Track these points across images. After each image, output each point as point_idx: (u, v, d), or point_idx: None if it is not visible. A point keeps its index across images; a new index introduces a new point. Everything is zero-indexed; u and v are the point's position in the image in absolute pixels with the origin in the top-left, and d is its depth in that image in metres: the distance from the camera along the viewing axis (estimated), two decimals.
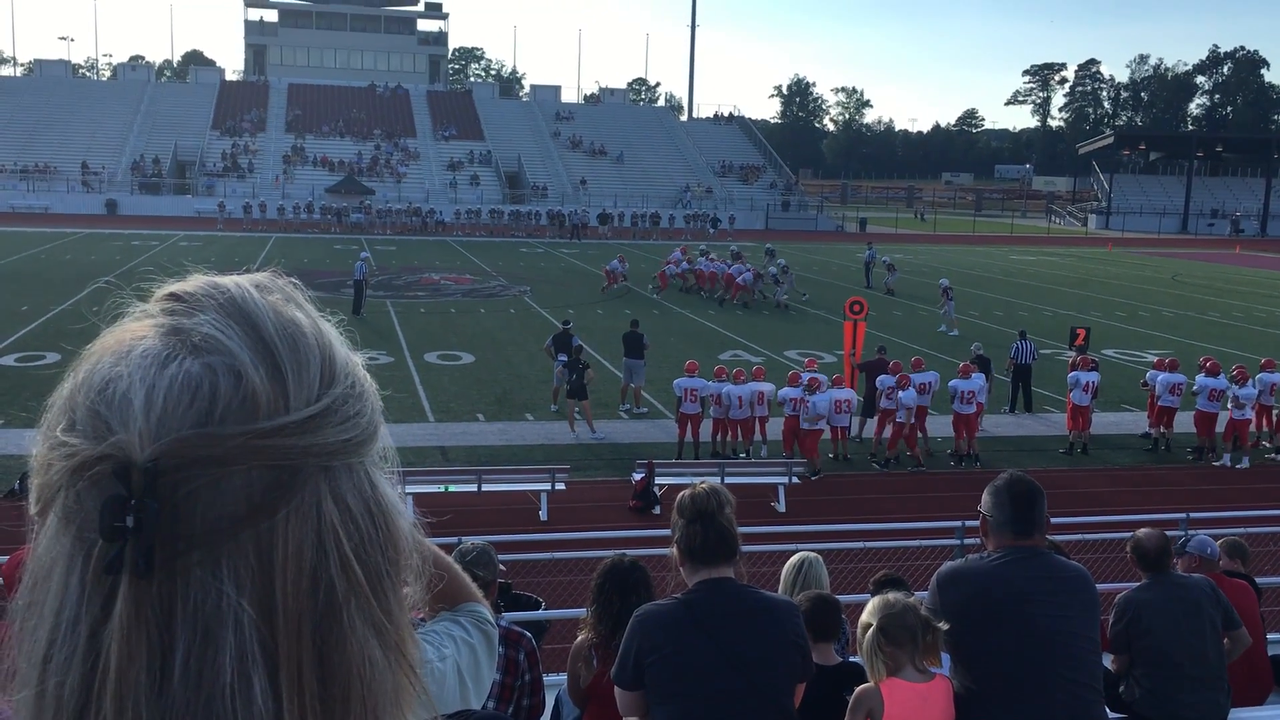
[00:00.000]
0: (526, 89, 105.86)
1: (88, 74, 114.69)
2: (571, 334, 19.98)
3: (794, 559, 5.81)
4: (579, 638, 5.08)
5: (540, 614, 8.05)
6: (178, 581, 0.76)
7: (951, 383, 17.80)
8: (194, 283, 0.86)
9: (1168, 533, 6.64)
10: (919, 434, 17.53)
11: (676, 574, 3.82)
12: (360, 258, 31.45)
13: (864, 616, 4.19)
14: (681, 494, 3.78)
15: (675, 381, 17.80)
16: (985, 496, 4.14)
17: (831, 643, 4.95)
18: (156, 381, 0.78)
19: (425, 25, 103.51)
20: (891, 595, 4.18)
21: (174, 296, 0.85)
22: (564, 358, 19.16)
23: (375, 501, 0.85)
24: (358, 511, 0.83)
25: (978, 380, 17.72)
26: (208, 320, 0.82)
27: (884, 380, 17.75)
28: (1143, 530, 6.23)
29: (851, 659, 5.18)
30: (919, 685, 3.99)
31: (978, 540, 4.54)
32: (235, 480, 0.77)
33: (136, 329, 0.83)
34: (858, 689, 4.14)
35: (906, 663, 4.01)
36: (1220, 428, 18.36)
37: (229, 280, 0.87)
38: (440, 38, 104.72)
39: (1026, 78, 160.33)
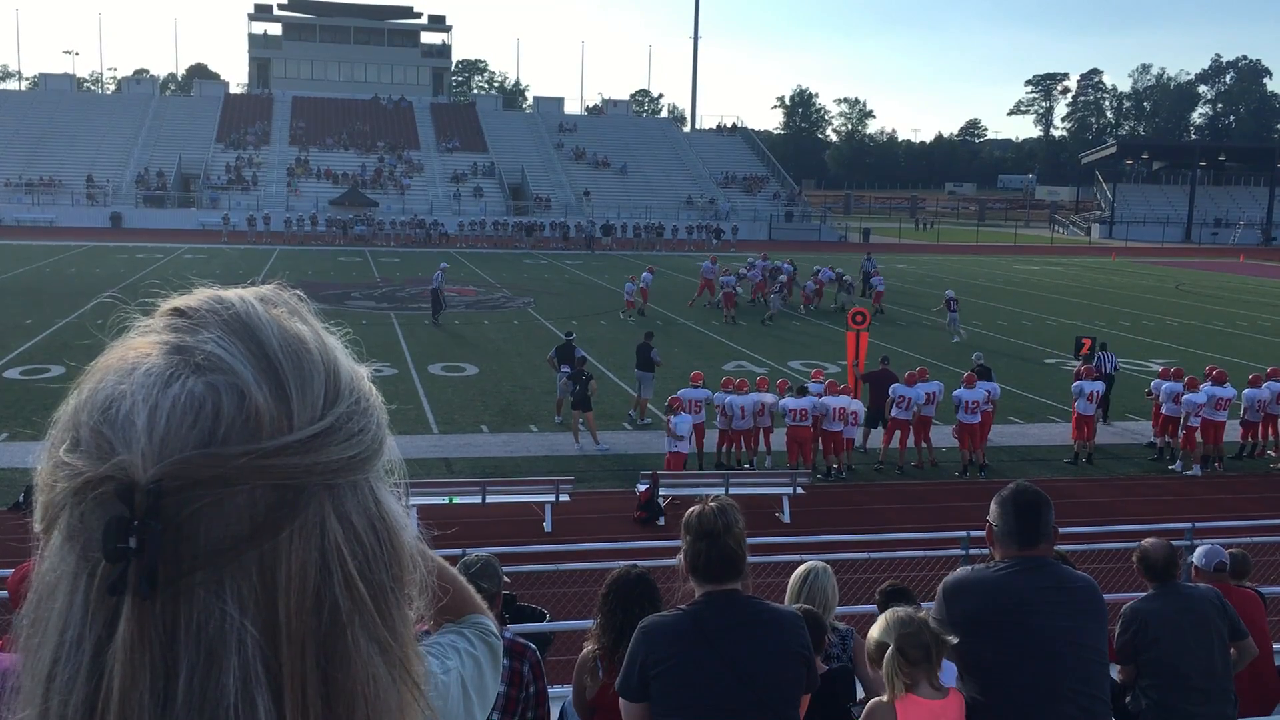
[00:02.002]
0: (529, 101, 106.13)
1: (92, 88, 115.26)
2: (574, 345, 20.02)
3: (801, 568, 5.75)
4: (585, 648, 5.07)
5: (545, 626, 8.03)
6: (181, 602, 0.76)
7: (956, 393, 17.79)
8: (198, 297, 0.86)
9: (1173, 543, 6.62)
10: (851, 445, 17.75)
11: (685, 582, 3.82)
12: (440, 267, 32.47)
13: (877, 634, 4.14)
14: (690, 510, 3.78)
15: (679, 392, 17.80)
16: (992, 506, 4.13)
17: (817, 655, 4.90)
18: (160, 401, 0.78)
19: (428, 38, 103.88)
20: (903, 612, 4.13)
21: (178, 312, 0.85)
22: (567, 369, 19.20)
23: (380, 518, 0.85)
24: (362, 529, 0.83)
25: (981, 390, 17.71)
26: (211, 338, 0.81)
27: (897, 389, 17.74)
28: (1149, 540, 6.21)
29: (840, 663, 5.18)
30: (934, 702, 3.96)
31: (983, 550, 4.52)
32: (239, 500, 0.77)
33: (140, 346, 0.83)
34: (870, 703, 4.11)
35: (922, 679, 3.98)
36: (1223, 436, 18.37)
37: (233, 294, 0.86)
38: (443, 50, 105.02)
39: (1029, 88, 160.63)
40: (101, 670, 0.76)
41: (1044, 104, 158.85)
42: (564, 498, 14.58)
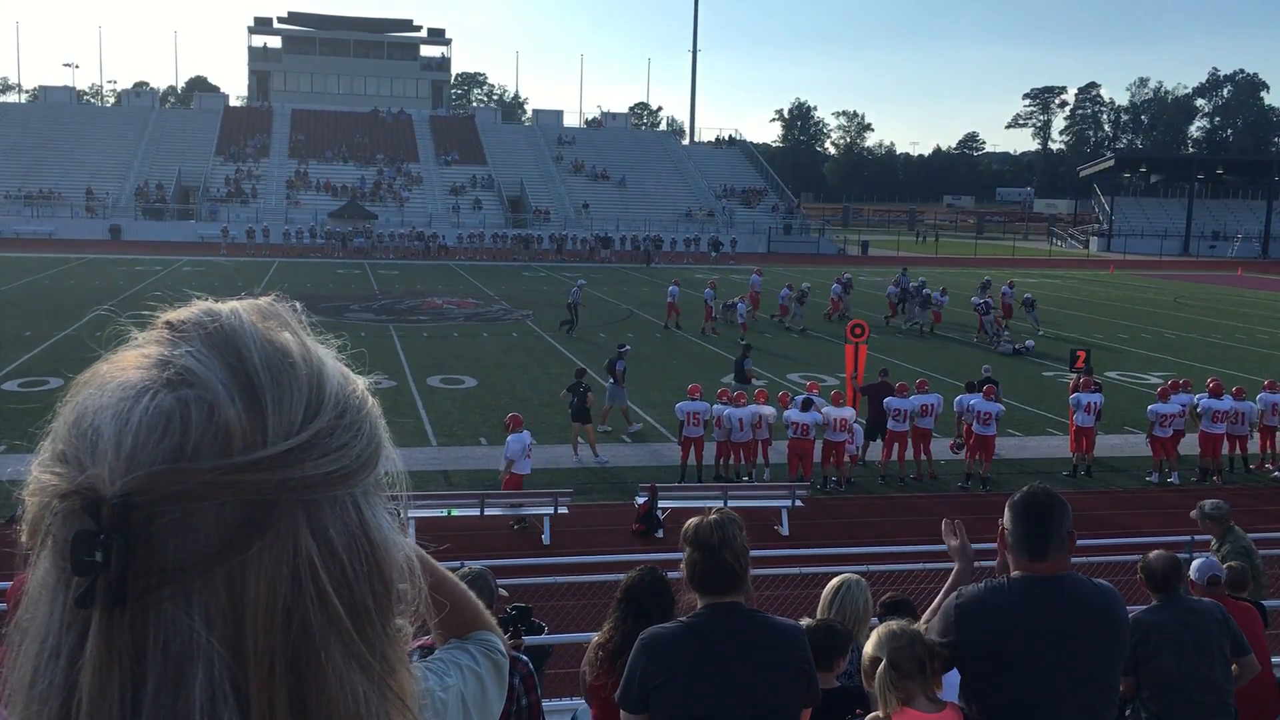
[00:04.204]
0: (529, 113, 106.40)
1: (92, 100, 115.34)
2: (620, 357, 20.67)
3: (835, 581, 5.67)
4: (595, 637, 5.02)
5: (543, 638, 8.01)
6: (149, 617, 0.76)
7: (973, 404, 17.90)
8: (189, 310, 0.86)
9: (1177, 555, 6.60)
10: (851, 458, 17.78)
11: (688, 593, 3.81)
12: (576, 284, 33.88)
13: (870, 649, 4.11)
14: (689, 522, 3.76)
15: (677, 405, 17.79)
16: (1005, 510, 4.00)
17: (832, 671, 4.84)
18: (129, 416, 0.78)
19: (428, 51, 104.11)
20: (895, 625, 4.09)
21: (168, 325, 0.85)
22: (611, 380, 20.09)
23: (362, 535, 0.83)
24: (340, 545, 0.81)
25: (998, 404, 17.81)
26: (189, 352, 0.81)
27: (890, 402, 17.78)
28: (1153, 552, 6.21)
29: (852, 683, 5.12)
30: (931, 716, 3.93)
31: (982, 564, 4.46)
32: (208, 516, 0.76)
33: (123, 360, 0.83)
34: (867, 718, 4.09)
35: (918, 693, 3.94)
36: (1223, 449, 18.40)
37: (226, 307, 0.86)
38: (443, 63, 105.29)
39: (1027, 101, 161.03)
40: (74, 682, 0.76)
41: (1042, 117, 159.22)
42: (562, 510, 14.56)
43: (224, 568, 0.77)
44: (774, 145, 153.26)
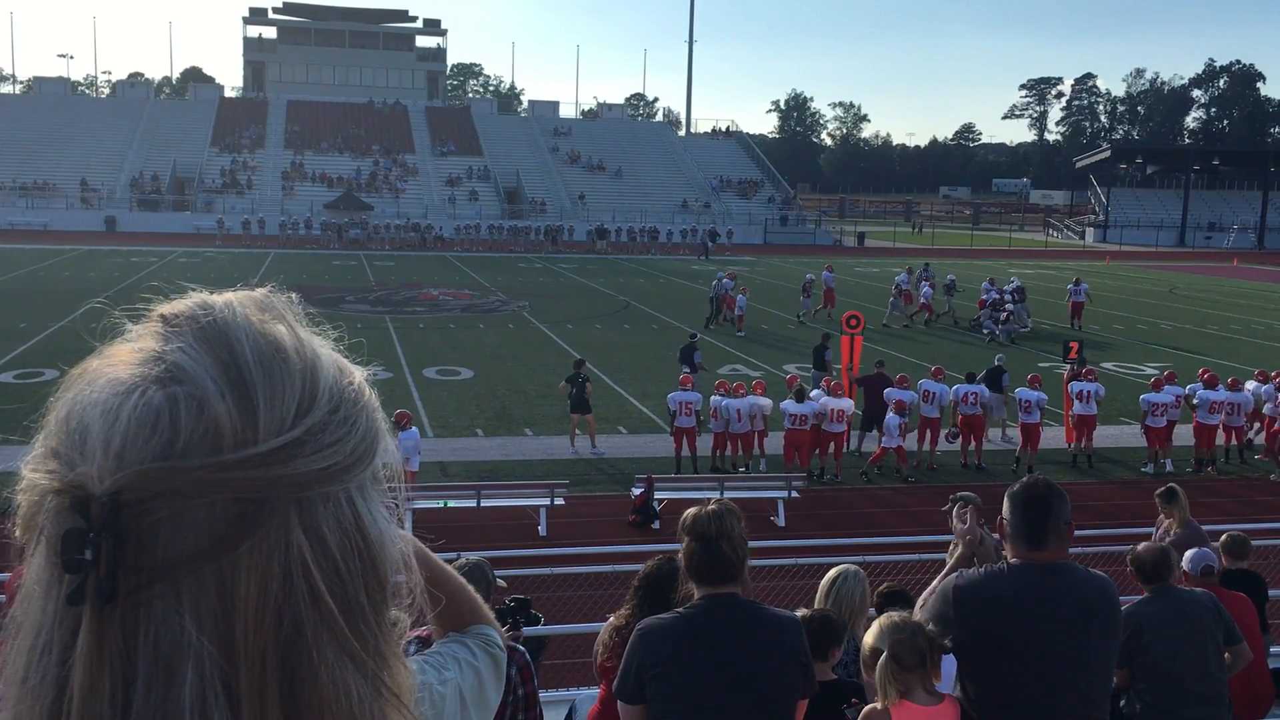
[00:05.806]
0: (525, 105, 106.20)
1: (87, 91, 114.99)
2: (696, 346, 20.97)
3: (832, 572, 5.66)
4: (612, 619, 5.02)
5: (539, 629, 8.03)
6: (140, 614, 0.75)
7: (1017, 390, 18.25)
8: (183, 304, 0.85)
9: (1167, 545, 6.62)
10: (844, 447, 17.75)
11: (686, 584, 3.83)
12: (717, 277, 34.25)
13: (871, 639, 4.12)
14: (687, 513, 3.77)
15: (669, 395, 17.79)
16: (1004, 500, 4.03)
17: (828, 662, 4.84)
18: (118, 413, 0.77)
19: (424, 42, 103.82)
20: (897, 617, 4.09)
21: (162, 318, 0.84)
22: (686, 368, 20.25)
23: (356, 531, 0.82)
24: (333, 542, 0.80)
25: (1037, 393, 18.03)
26: (180, 347, 0.80)
27: (891, 393, 17.78)
28: (1142, 544, 6.23)
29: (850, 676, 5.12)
30: (929, 708, 3.93)
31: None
32: (198, 513, 0.76)
33: (115, 355, 0.82)
34: (865, 710, 4.09)
35: (917, 685, 3.95)
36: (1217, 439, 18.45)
37: (220, 299, 0.85)
38: (439, 54, 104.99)
39: (1023, 92, 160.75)
40: (66, 677, 0.76)
41: (1038, 108, 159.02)
42: (559, 501, 14.58)
43: (214, 566, 0.76)
44: (770, 136, 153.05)
